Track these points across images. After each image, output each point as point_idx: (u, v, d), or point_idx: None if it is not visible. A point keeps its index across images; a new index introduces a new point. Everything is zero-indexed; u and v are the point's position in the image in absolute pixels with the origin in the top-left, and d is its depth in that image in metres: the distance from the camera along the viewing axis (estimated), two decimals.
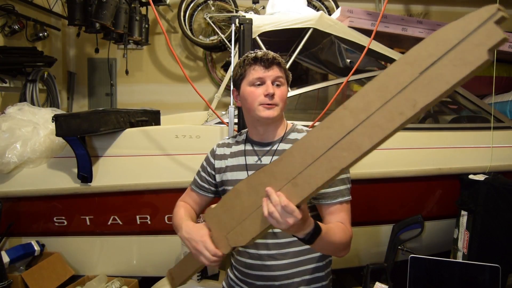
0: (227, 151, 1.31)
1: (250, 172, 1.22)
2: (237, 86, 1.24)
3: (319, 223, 0.98)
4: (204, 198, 1.35)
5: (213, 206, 1.09)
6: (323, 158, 0.85)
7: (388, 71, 0.76)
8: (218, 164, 1.30)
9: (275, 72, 1.18)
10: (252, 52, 1.22)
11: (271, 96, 1.16)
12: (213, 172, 1.31)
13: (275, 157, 1.22)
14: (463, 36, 0.67)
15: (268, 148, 1.24)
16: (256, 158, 1.24)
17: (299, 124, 1.31)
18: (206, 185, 1.33)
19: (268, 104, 1.16)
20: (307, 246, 1.20)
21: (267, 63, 1.17)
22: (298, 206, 0.88)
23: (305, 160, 0.87)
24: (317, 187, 0.86)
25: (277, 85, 1.19)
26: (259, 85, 1.18)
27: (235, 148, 1.30)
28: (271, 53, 1.20)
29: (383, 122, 0.77)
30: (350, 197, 1.18)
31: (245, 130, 1.34)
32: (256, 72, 1.18)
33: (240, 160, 1.26)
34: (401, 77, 0.74)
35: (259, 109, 1.17)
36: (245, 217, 0.99)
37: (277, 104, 1.17)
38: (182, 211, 1.28)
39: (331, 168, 0.84)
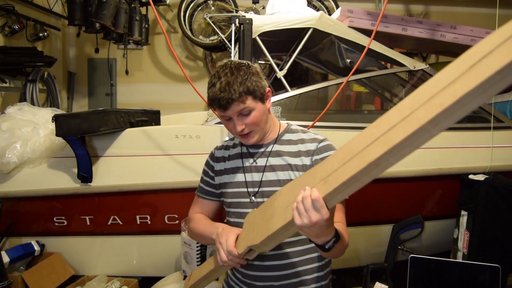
0: (225, 153, 1.32)
1: (247, 175, 1.23)
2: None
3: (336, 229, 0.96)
4: (212, 205, 1.34)
5: (255, 209, 1.09)
6: (360, 154, 0.82)
7: (442, 71, 0.73)
8: (217, 166, 1.31)
9: (235, 108, 1.11)
10: (212, 84, 1.16)
11: (241, 131, 1.16)
12: (213, 175, 1.31)
13: (270, 158, 1.22)
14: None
15: (262, 150, 1.25)
16: (251, 160, 1.25)
17: (295, 124, 1.31)
18: (211, 189, 1.32)
19: (243, 135, 1.18)
20: (306, 246, 1.20)
21: (222, 105, 1.12)
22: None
23: (344, 158, 0.85)
24: (343, 181, 0.83)
25: (245, 115, 1.14)
26: (228, 119, 1.16)
27: (233, 151, 1.30)
28: (225, 90, 1.10)
29: (422, 115, 0.74)
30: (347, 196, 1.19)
31: None
32: (219, 112, 1.16)
33: (237, 163, 1.27)
34: (453, 71, 0.71)
35: (238, 137, 1.21)
36: (272, 216, 0.97)
37: (253, 130, 1.17)
38: (203, 218, 1.29)
39: (361, 162, 0.81)
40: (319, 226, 0.86)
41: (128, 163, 2.24)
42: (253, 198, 1.21)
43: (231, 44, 2.37)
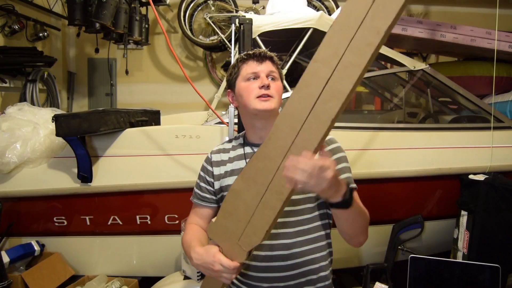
0: (224, 156, 1.29)
1: None
2: (232, 85, 1.24)
3: None
4: (209, 211, 1.31)
5: (213, 220, 1.05)
6: (311, 117, 0.84)
7: (343, 10, 0.79)
8: (216, 171, 1.27)
9: (268, 66, 1.19)
10: (248, 50, 1.24)
11: (267, 87, 1.16)
12: (212, 180, 1.28)
13: None
14: None
15: None
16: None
17: None
18: (208, 195, 1.29)
19: (264, 96, 1.16)
20: (311, 246, 1.19)
21: (260, 57, 1.19)
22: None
23: (294, 127, 0.86)
24: (315, 147, 0.86)
25: (272, 79, 1.19)
26: (253, 79, 1.19)
27: (233, 153, 1.28)
28: (264, 50, 1.22)
29: (355, 58, 0.79)
30: (356, 185, 1.20)
31: (241, 133, 1.33)
32: (250, 67, 1.19)
33: (240, 164, 1.24)
34: (357, 11, 0.77)
35: (255, 102, 1.17)
36: (252, 213, 0.96)
37: (273, 96, 1.17)
38: (189, 237, 1.23)
39: (322, 123, 0.84)
40: (334, 184, 0.87)
41: (128, 163, 2.24)
42: None
43: (231, 44, 2.37)
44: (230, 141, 1.33)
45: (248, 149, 1.26)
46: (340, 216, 1.03)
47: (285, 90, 2.46)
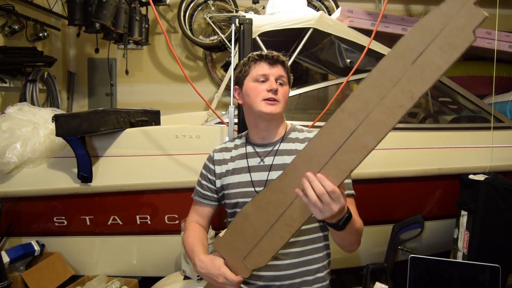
0: (226, 155, 1.30)
1: (253, 174, 1.22)
2: (240, 83, 1.25)
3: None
4: (209, 209, 1.33)
5: (221, 234, 1.08)
6: (331, 163, 0.85)
7: (379, 67, 0.77)
8: (218, 169, 1.29)
9: (279, 70, 1.20)
10: (254, 53, 1.24)
11: (275, 91, 1.17)
12: (213, 178, 1.29)
13: (277, 157, 1.22)
14: (447, 20, 0.68)
15: (270, 149, 1.23)
16: (258, 159, 1.24)
17: (298, 125, 1.32)
18: (209, 193, 1.31)
19: (271, 100, 1.17)
20: (309, 247, 1.20)
21: (272, 60, 1.20)
22: None
23: (312, 170, 0.87)
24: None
25: (280, 84, 1.20)
26: (262, 81, 1.19)
27: (235, 152, 1.29)
28: (276, 53, 1.22)
29: (383, 117, 0.78)
30: (354, 192, 1.20)
31: (244, 133, 1.33)
32: (261, 68, 1.20)
33: (242, 163, 1.25)
34: (393, 70, 0.75)
35: (261, 104, 1.18)
36: (260, 237, 0.99)
37: (280, 101, 1.18)
38: (191, 239, 1.25)
39: (341, 171, 0.85)
40: (336, 212, 0.89)
41: (128, 163, 2.24)
42: None
43: (231, 44, 2.37)
44: (233, 140, 1.35)
45: (250, 149, 1.26)
46: (332, 231, 1.05)
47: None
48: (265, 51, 1.24)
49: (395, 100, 0.76)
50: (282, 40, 2.87)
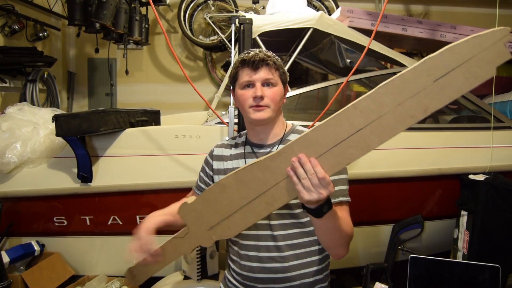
0: (226, 152, 1.30)
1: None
2: (233, 87, 1.25)
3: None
4: None
5: (189, 201, 1.06)
6: (329, 154, 0.87)
7: (404, 76, 0.80)
8: (216, 165, 1.30)
9: (263, 73, 1.15)
10: (247, 52, 1.20)
11: (259, 98, 1.14)
12: (211, 173, 1.31)
13: None
14: (477, 52, 0.74)
15: (267, 150, 1.23)
16: (255, 160, 1.24)
17: (299, 125, 1.30)
18: (204, 186, 1.33)
19: (257, 106, 1.15)
20: (307, 249, 1.20)
21: (254, 65, 1.15)
22: None
23: (309, 155, 0.89)
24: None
25: (268, 85, 1.16)
26: (249, 86, 1.17)
27: (235, 151, 1.29)
28: (262, 54, 1.17)
29: (393, 123, 0.82)
30: (350, 198, 1.18)
31: (244, 132, 1.33)
32: (245, 74, 1.17)
33: (240, 163, 1.25)
34: (416, 82, 0.78)
35: (249, 111, 1.17)
36: (233, 211, 0.99)
37: (268, 106, 1.15)
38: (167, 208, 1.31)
39: (337, 163, 0.88)
40: (322, 198, 0.90)
41: (128, 163, 2.24)
42: None
43: (231, 44, 2.37)
44: (234, 138, 1.35)
45: (248, 149, 1.26)
46: (313, 221, 1.03)
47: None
48: (251, 52, 1.18)
49: (409, 110, 0.80)
50: (282, 40, 2.87)
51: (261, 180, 0.94)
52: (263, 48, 2.48)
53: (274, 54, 1.21)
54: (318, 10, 4.15)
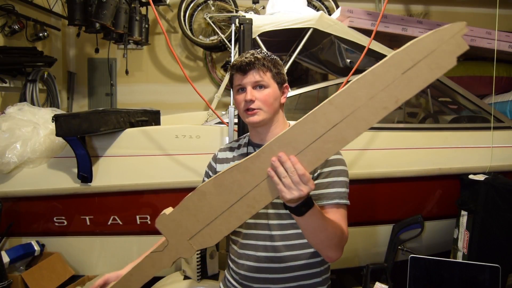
0: (229, 154, 1.31)
1: None
2: (232, 91, 1.26)
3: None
4: None
5: (167, 212, 1.03)
6: (308, 150, 0.90)
7: (375, 70, 0.84)
8: (219, 167, 1.30)
9: (253, 76, 1.15)
10: (240, 56, 1.20)
11: (249, 101, 1.15)
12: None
13: None
14: (439, 45, 0.80)
15: None
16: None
17: None
18: None
19: (249, 110, 1.16)
20: (305, 250, 1.20)
21: (243, 69, 1.16)
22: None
23: (288, 153, 0.90)
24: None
25: (261, 88, 1.16)
26: (241, 90, 1.18)
27: (237, 152, 1.30)
28: (251, 57, 1.16)
29: (367, 115, 0.86)
30: (348, 202, 1.16)
31: (248, 133, 1.34)
32: (237, 78, 1.18)
33: None
34: (386, 76, 0.84)
35: (243, 115, 1.19)
36: (215, 217, 0.98)
37: (260, 108, 1.15)
38: None
39: (316, 159, 0.91)
40: (303, 196, 0.91)
41: (128, 163, 2.24)
42: None
43: (231, 44, 2.37)
44: (238, 139, 1.35)
45: (251, 149, 1.26)
46: (297, 221, 1.02)
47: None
48: (242, 56, 1.18)
49: (381, 102, 0.85)
50: (282, 40, 2.87)
51: (241, 182, 0.94)
52: (263, 48, 2.49)
53: (268, 54, 1.20)
54: (318, 10, 4.15)
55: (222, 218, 0.98)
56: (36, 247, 2.21)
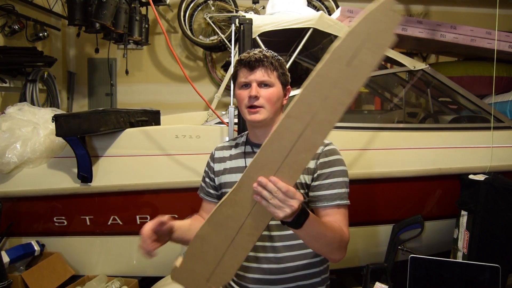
0: (226, 153, 1.30)
1: None
2: (233, 87, 1.25)
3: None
4: (213, 206, 1.28)
5: (177, 264, 1.04)
6: (284, 166, 0.90)
7: (319, 71, 0.84)
8: (217, 167, 1.30)
9: (259, 74, 1.15)
10: (247, 52, 1.20)
11: (254, 98, 1.14)
12: (213, 176, 1.30)
13: None
14: (373, 25, 0.81)
15: None
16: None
17: None
18: (211, 191, 1.32)
19: (252, 107, 1.15)
20: (304, 251, 1.19)
21: (250, 65, 1.15)
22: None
23: (267, 175, 0.90)
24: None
25: (265, 86, 1.16)
26: (246, 87, 1.17)
27: (235, 151, 1.29)
28: (260, 54, 1.16)
29: (328, 115, 0.87)
30: (349, 201, 1.16)
31: (245, 132, 1.33)
32: (242, 74, 1.17)
33: (240, 163, 1.25)
34: (332, 73, 0.84)
35: (245, 112, 1.18)
36: (221, 255, 0.99)
37: (263, 106, 1.15)
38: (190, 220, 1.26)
39: (294, 172, 0.91)
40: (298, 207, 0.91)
41: (128, 163, 2.24)
42: None
43: (231, 44, 2.37)
44: (235, 138, 1.35)
45: (248, 148, 1.26)
46: (297, 234, 1.02)
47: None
48: (249, 52, 1.18)
49: (336, 99, 0.85)
50: (282, 40, 2.87)
51: (234, 216, 0.95)
52: (263, 48, 2.48)
53: (275, 54, 1.20)
54: (318, 10, 4.15)
55: (229, 254, 0.98)
56: (36, 247, 2.21)
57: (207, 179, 1.33)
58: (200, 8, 4.49)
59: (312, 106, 0.85)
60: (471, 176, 2.29)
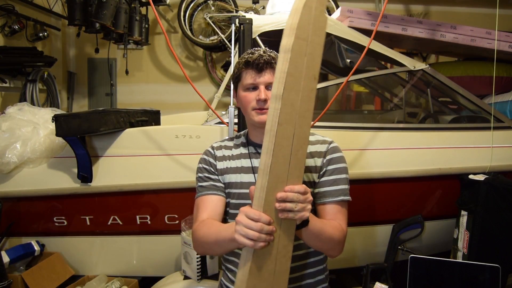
0: (227, 153, 1.29)
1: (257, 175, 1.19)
2: (235, 87, 1.24)
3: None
4: (222, 201, 1.24)
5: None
6: (290, 172, 0.94)
7: (289, 71, 0.92)
8: (220, 165, 1.27)
9: (268, 77, 1.15)
10: (250, 52, 1.19)
11: (263, 101, 1.14)
12: (216, 173, 1.26)
13: None
14: (311, 15, 0.92)
15: None
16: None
17: None
18: (217, 184, 1.24)
19: (261, 109, 1.15)
20: (309, 249, 1.20)
21: (259, 67, 1.14)
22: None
23: (281, 189, 0.93)
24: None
25: (271, 87, 1.14)
26: (252, 89, 1.17)
27: (236, 151, 1.28)
28: (267, 55, 1.16)
29: (306, 105, 0.94)
30: (350, 198, 1.18)
31: (242, 132, 1.33)
32: (249, 76, 1.16)
33: (243, 163, 1.24)
34: (298, 68, 0.92)
35: (252, 114, 1.17)
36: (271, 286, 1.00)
37: None
38: (214, 221, 1.16)
39: (299, 170, 0.97)
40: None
41: (128, 163, 2.24)
42: None
43: (231, 44, 2.37)
44: (231, 139, 1.33)
45: (252, 149, 1.26)
46: (303, 234, 1.03)
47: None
48: (256, 53, 1.17)
49: (307, 88, 0.93)
50: None
51: (265, 253, 0.96)
52: (265, 48, 2.48)
53: (278, 54, 1.20)
54: None
55: (276, 285, 0.99)
56: (36, 247, 2.21)
57: (208, 175, 1.26)
58: (200, 8, 4.49)
59: (294, 104, 0.92)
60: (471, 176, 2.29)
